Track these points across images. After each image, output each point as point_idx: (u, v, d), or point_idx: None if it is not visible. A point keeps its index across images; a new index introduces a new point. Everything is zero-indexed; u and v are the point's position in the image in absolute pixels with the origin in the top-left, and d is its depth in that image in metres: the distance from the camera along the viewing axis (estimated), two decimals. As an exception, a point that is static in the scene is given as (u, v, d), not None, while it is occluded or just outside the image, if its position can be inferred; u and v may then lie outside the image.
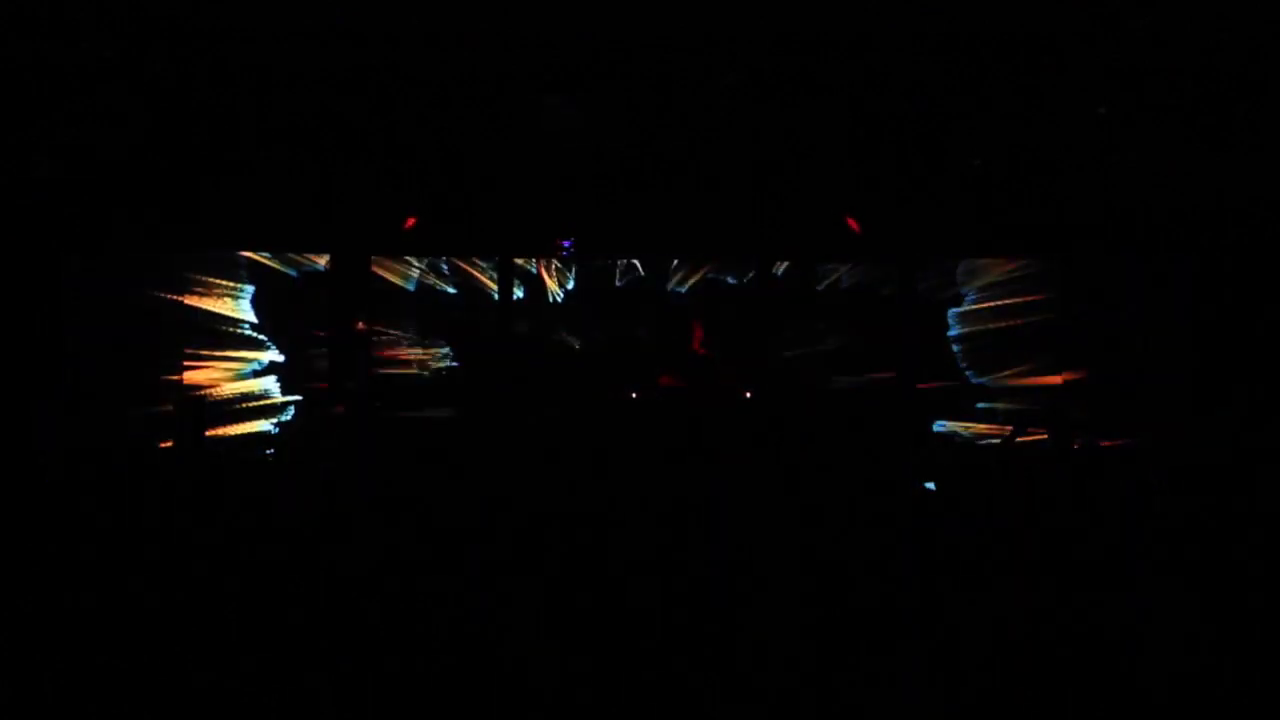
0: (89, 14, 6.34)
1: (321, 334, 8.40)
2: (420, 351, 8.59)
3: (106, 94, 7.19)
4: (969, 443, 8.37)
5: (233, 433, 8.14)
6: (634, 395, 7.84)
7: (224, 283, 8.40)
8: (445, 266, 8.73)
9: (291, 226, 8.15)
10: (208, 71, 7.06)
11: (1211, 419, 7.58)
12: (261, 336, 8.44)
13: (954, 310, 8.74)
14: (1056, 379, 8.53)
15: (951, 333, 8.72)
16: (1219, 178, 7.76)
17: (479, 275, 8.75)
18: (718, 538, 5.35)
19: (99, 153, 7.66)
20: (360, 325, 8.41)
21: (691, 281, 8.76)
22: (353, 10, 6.36)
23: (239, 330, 8.40)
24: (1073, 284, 8.59)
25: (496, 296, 8.61)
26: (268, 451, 8.02)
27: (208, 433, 7.59)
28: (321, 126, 7.73)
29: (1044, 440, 6.68)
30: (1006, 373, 8.62)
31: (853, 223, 8.36)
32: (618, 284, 8.77)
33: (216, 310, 8.35)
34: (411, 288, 8.69)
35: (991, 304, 8.71)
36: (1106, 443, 7.41)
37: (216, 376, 8.30)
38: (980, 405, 8.59)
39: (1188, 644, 4.28)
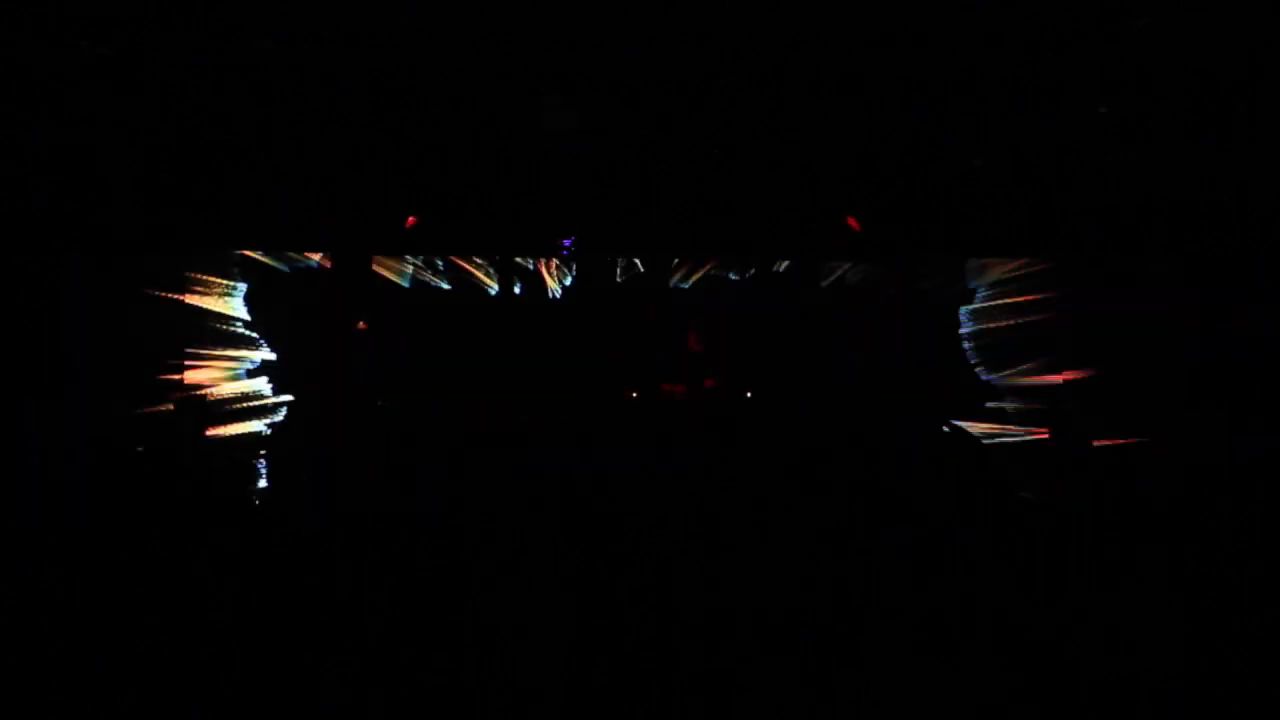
0: (88, 13, 6.34)
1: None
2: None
3: (106, 94, 7.19)
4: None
5: (231, 433, 8.13)
6: (634, 395, 7.85)
7: (220, 281, 8.39)
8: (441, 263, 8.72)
9: (291, 226, 8.16)
10: (208, 71, 7.06)
11: (1210, 419, 7.57)
12: (256, 335, 8.43)
13: (965, 308, 8.73)
14: (1057, 378, 8.54)
15: (963, 330, 8.72)
16: (1219, 178, 7.76)
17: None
18: (716, 542, 5.35)
19: (99, 152, 7.67)
20: (361, 325, 8.41)
21: (692, 280, 8.75)
22: (353, 10, 6.36)
23: (234, 329, 8.39)
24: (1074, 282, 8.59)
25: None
26: (266, 452, 8.00)
27: (208, 432, 7.63)
28: (321, 126, 7.73)
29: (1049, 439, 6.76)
30: (1011, 371, 8.62)
31: (853, 222, 8.36)
32: (618, 281, 8.76)
33: (213, 309, 8.34)
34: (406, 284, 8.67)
35: (999, 301, 8.71)
36: (1105, 442, 7.40)
37: (215, 376, 8.30)
38: (989, 404, 8.59)
39: (1182, 644, 4.29)
